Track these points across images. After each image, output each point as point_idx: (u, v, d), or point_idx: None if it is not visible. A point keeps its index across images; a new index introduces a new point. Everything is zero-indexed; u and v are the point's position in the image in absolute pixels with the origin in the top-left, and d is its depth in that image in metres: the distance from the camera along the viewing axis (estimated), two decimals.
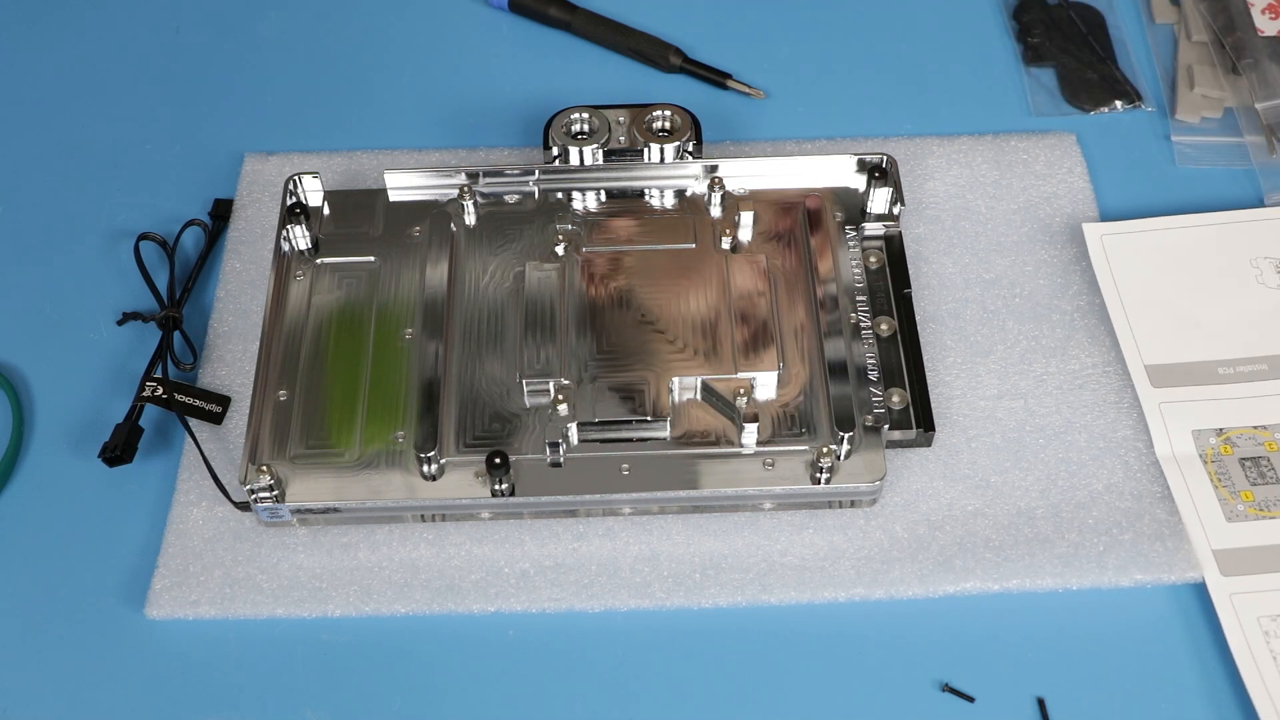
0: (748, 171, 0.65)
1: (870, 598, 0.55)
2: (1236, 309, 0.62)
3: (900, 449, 0.58)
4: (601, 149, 0.65)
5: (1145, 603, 0.55)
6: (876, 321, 0.61)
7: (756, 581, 0.55)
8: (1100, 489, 0.57)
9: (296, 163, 0.68)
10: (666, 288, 0.61)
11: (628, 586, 0.55)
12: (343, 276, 0.62)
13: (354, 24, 0.76)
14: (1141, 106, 0.71)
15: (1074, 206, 0.66)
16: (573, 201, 0.65)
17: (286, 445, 0.57)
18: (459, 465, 0.56)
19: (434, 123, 0.71)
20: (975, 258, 0.65)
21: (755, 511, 0.57)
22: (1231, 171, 0.68)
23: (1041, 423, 0.59)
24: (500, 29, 0.76)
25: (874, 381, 0.59)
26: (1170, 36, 0.74)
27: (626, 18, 0.74)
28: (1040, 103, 0.71)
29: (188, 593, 0.55)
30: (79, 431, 0.60)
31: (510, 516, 0.56)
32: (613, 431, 0.57)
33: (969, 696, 0.52)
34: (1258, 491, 0.57)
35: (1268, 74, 0.69)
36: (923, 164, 0.68)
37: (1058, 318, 0.62)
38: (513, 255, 0.63)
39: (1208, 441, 0.58)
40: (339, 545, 0.56)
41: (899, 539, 0.56)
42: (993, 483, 0.57)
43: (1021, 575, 0.55)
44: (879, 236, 0.64)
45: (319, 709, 0.53)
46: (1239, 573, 0.54)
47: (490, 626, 0.54)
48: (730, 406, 0.57)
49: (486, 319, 0.61)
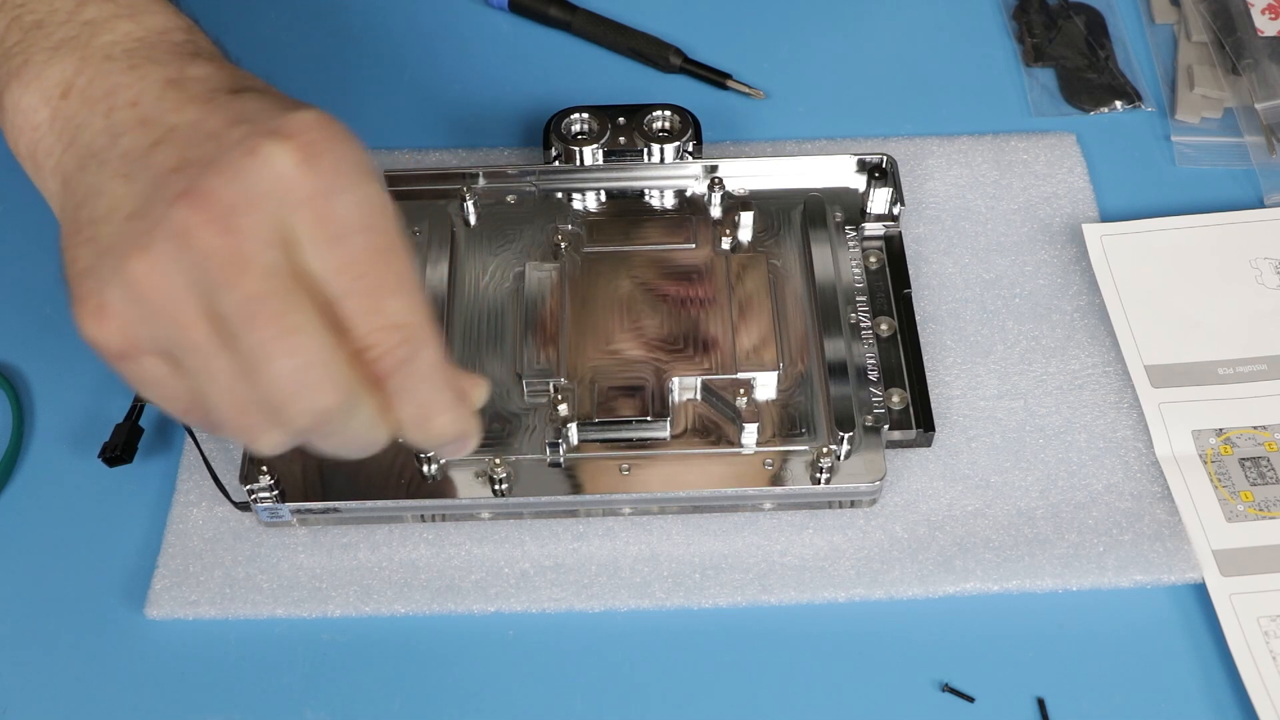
0: (748, 171, 0.65)
1: (870, 598, 0.55)
2: (1236, 309, 0.62)
3: (900, 449, 0.58)
4: (601, 149, 0.65)
5: (1145, 603, 0.55)
6: (876, 321, 0.61)
7: (756, 581, 0.55)
8: (1100, 489, 0.57)
9: None
10: (666, 288, 0.61)
11: (628, 586, 0.55)
12: None
13: (354, 24, 0.76)
14: (1141, 106, 0.71)
15: (1074, 206, 0.66)
16: (573, 201, 0.65)
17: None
18: (459, 465, 0.56)
19: (434, 123, 0.71)
20: (975, 258, 0.65)
21: (755, 511, 0.57)
22: (1231, 172, 0.68)
23: (1041, 423, 0.59)
24: (500, 29, 0.76)
25: (874, 381, 0.59)
26: (1170, 36, 0.74)
27: (626, 18, 0.74)
28: (1040, 103, 0.71)
29: (188, 593, 0.55)
30: (79, 431, 0.60)
31: (510, 516, 0.56)
32: (613, 431, 0.57)
33: (969, 696, 0.52)
34: (1258, 492, 0.57)
35: (1268, 74, 0.69)
36: (923, 164, 0.68)
37: (1058, 318, 0.62)
38: (513, 255, 0.63)
39: (1208, 442, 0.58)
40: (339, 545, 0.56)
41: (899, 539, 0.56)
42: (993, 483, 0.57)
43: (1021, 576, 0.55)
44: (879, 236, 0.64)
45: (319, 709, 0.53)
46: (1239, 573, 0.54)
47: (490, 626, 0.54)
48: (730, 406, 0.57)
49: (486, 319, 0.61)
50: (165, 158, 0.39)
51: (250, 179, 0.38)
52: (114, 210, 0.40)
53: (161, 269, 0.38)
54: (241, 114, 0.40)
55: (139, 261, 0.38)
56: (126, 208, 0.39)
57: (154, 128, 0.40)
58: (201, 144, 0.39)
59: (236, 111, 0.40)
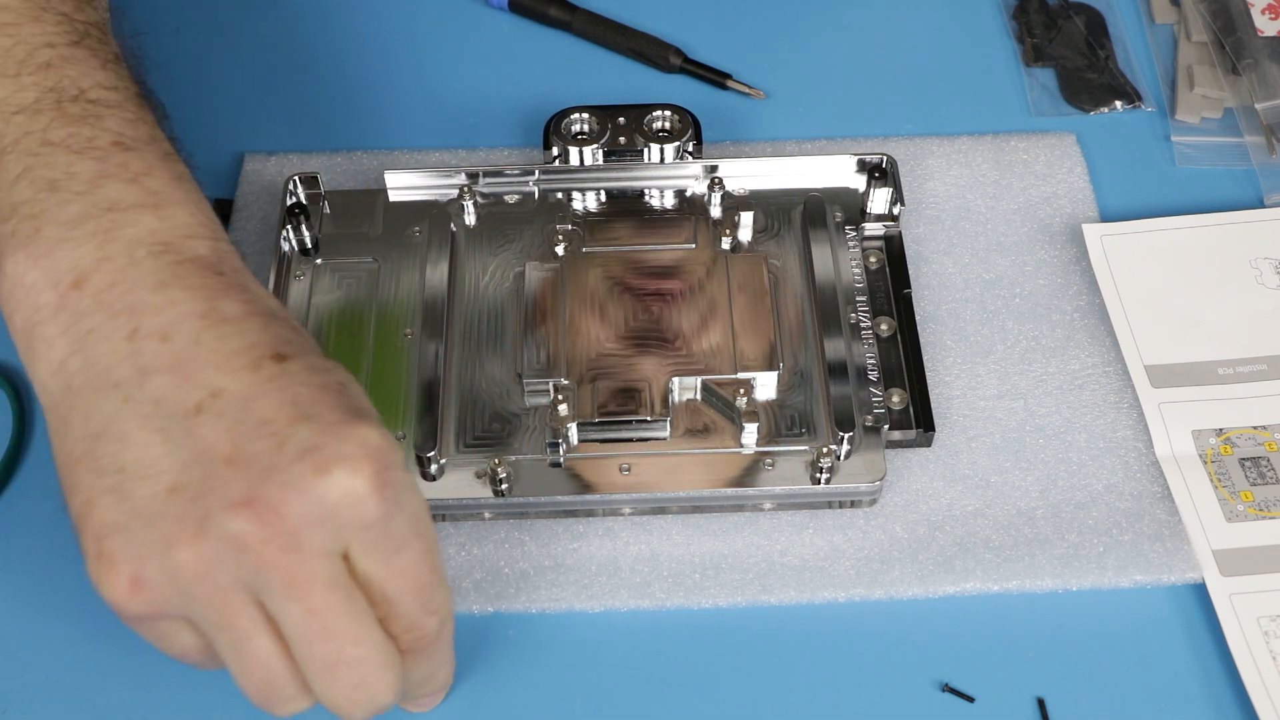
0: (748, 171, 0.65)
1: (870, 598, 0.55)
2: (1236, 309, 0.62)
3: (900, 449, 0.58)
4: (601, 149, 0.65)
5: (1145, 603, 0.55)
6: (876, 321, 0.61)
7: (756, 581, 0.55)
8: (1100, 489, 0.57)
9: (296, 163, 0.68)
10: (666, 288, 0.61)
11: (628, 586, 0.55)
12: (343, 276, 0.62)
13: (354, 24, 0.76)
14: (1141, 106, 0.71)
15: (1074, 206, 0.66)
16: (573, 201, 0.65)
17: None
18: (459, 465, 0.56)
19: (434, 123, 0.71)
20: (975, 258, 0.65)
21: (755, 511, 0.57)
22: (1231, 172, 0.68)
23: (1041, 423, 0.59)
24: (500, 29, 0.75)
25: (874, 381, 0.59)
26: (1170, 36, 0.74)
27: (626, 18, 0.74)
28: (1040, 103, 0.71)
29: None
30: None
31: (510, 516, 0.56)
32: (613, 431, 0.57)
33: (969, 696, 0.52)
34: (1258, 492, 0.57)
35: (1268, 74, 0.69)
36: (923, 164, 0.68)
37: (1058, 318, 0.62)
38: (513, 255, 0.63)
39: (1208, 442, 0.58)
40: None
41: (899, 539, 0.56)
42: (993, 483, 0.57)
43: (1021, 576, 0.55)
44: (879, 236, 0.64)
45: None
46: (1239, 573, 0.54)
47: (490, 626, 0.54)
48: (730, 406, 0.57)
49: (486, 319, 0.61)
50: (215, 438, 0.39)
51: (320, 501, 0.38)
52: (151, 472, 0.39)
53: (213, 565, 0.38)
54: (297, 407, 0.39)
55: (188, 551, 0.38)
56: (168, 479, 0.38)
57: (193, 385, 0.39)
58: (256, 436, 0.39)
59: (290, 400, 0.39)
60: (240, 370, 0.40)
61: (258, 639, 0.40)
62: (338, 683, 0.40)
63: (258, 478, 0.38)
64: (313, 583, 0.39)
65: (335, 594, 0.39)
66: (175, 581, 0.39)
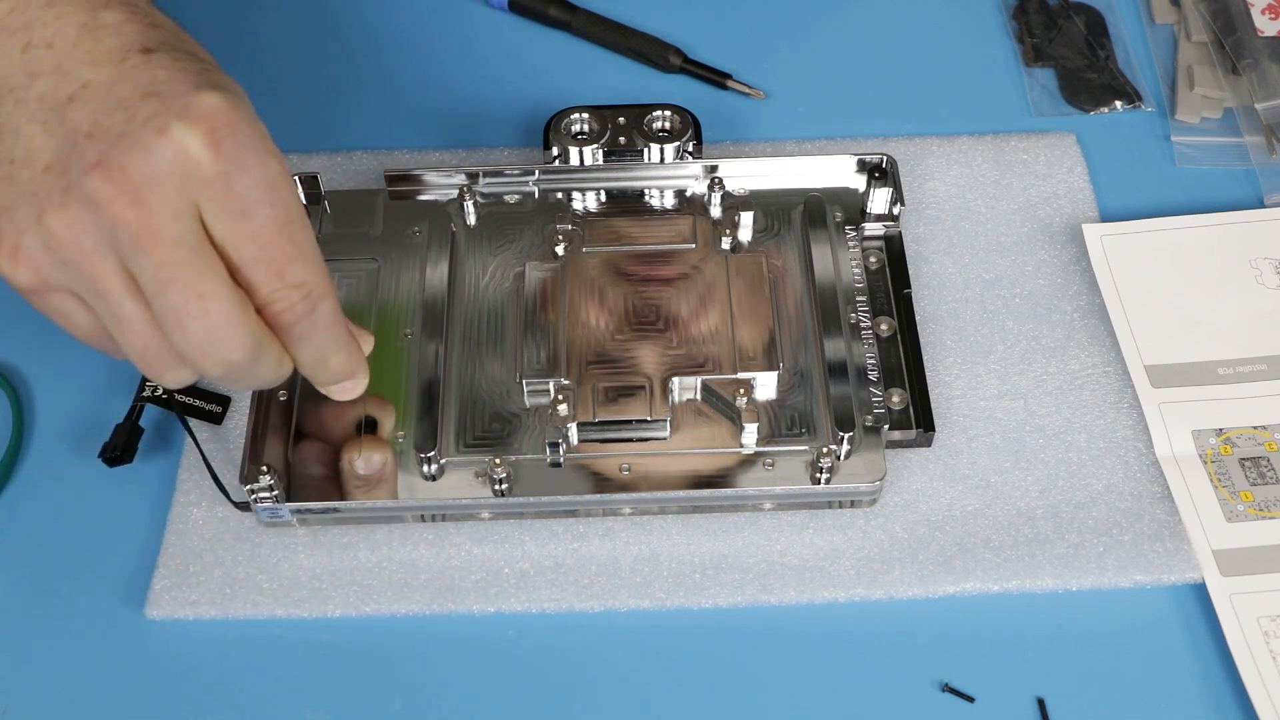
0: (748, 171, 0.65)
1: (870, 598, 0.55)
2: (1236, 309, 0.62)
3: (900, 449, 0.58)
4: (601, 149, 0.65)
5: (1145, 603, 0.55)
6: (876, 321, 0.61)
7: (756, 581, 0.55)
8: (1100, 489, 0.57)
9: (296, 163, 0.68)
10: (666, 288, 0.61)
11: (628, 586, 0.55)
12: (343, 276, 0.62)
13: (353, 24, 0.76)
14: (1141, 106, 0.71)
15: (1074, 206, 0.66)
16: (573, 201, 0.65)
17: (287, 445, 0.57)
18: (459, 465, 0.56)
19: (434, 123, 0.71)
20: (975, 258, 0.65)
21: (755, 511, 0.57)
22: (1231, 172, 0.68)
23: (1041, 423, 0.59)
24: (500, 29, 0.76)
25: (874, 381, 0.59)
26: (1170, 36, 0.74)
27: (626, 18, 0.74)
28: (1040, 103, 0.71)
29: (188, 593, 0.55)
30: (79, 431, 0.60)
31: (510, 516, 0.57)
32: (613, 431, 0.57)
33: (969, 696, 0.52)
34: (1258, 492, 0.57)
35: (1268, 74, 0.69)
36: (923, 164, 0.68)
37: (1058, 318, 0.62)
38: (513, 255, 0.63)
39: (1207, 442, 0.58)
40: (339, 545, 0.56)
41: (899, 539, 0.56)
42: (993, 483, 0.57)
43: (1021, 576, 0.55)
44: (879, 236, 0.64)
45: (319, 709, 0.53)
46: (1239, 573, 0.54)
47: (490, 626, 0.54)
48: (730, 406, 0.57)
49: (486, 319, 0.61)
50: (79, 118, 0.42)
51: (159, 158, 0.42)
52: (32, 157, 0.43)
53: (76, 228, 0.42)
54: (152, 85, 0.43)
55: (54, 217, 0.42)
56: (44, 159, 0.43)
57: (69, 79, 0.43)
58: (113, 112, 0.42)
59: (148, 81, 0.43)
60: (108, 64, 0.43)
61: (127, 304, 0.43)
62: (188, 336, 0.43)
63: (109, 143, 0.42)
64: (159, 237, 0.42)
65: (181, 250, 0.42)
66: (49, 248, 0.42)
